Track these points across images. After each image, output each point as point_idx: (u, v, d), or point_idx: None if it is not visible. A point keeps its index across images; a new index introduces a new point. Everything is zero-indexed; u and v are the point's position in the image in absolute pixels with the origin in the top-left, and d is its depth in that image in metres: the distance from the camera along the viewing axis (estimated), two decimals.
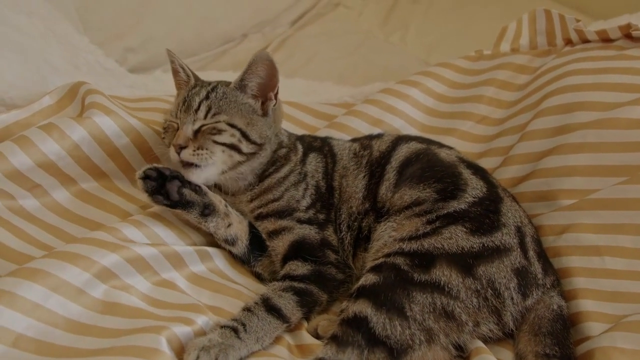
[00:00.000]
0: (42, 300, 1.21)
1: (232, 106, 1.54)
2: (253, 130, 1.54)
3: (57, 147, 1.53)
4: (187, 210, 1.48)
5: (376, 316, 1.27)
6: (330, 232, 1.56)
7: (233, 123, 1.51)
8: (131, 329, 1.23)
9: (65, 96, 1.70)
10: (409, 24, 3.27)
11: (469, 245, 1.36)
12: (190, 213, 1.48)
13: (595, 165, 1.61)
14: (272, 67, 1.54)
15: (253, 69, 1.54)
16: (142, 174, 1.45)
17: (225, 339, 1.25)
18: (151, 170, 1.46)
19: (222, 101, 1.53)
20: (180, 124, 1.51)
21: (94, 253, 1.30)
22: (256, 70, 1.54)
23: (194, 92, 1.55)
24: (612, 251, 1.45)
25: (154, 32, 2.74)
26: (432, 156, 1.56)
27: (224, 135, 1.50)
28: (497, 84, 2.02)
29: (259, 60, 1.52)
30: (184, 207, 1.47)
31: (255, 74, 1.54)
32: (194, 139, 1.49)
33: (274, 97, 1.58)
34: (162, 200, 1.46)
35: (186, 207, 1.47)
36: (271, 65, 1.53)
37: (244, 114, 1.55)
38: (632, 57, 1.78)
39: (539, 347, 1.31)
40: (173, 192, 1.46)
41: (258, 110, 1.57)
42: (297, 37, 3.14)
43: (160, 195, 1.46)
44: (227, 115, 1.52)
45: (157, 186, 1.46)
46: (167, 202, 1.46)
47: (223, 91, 1.56)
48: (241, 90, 1.56)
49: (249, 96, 1.57)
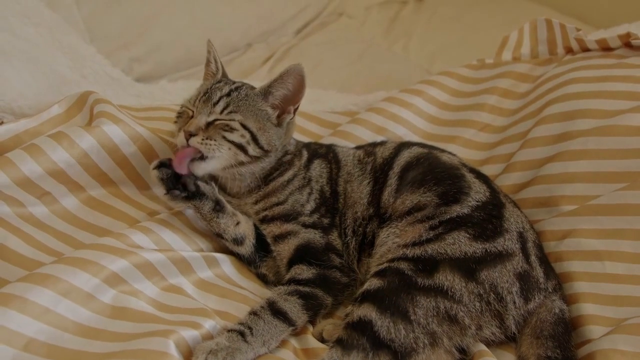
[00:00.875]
0: (53, 305, 1.22)
1: (250, 109, 1.56)
2: (263, 136, 1.56)
3: (66, 156, 1.55)
4: (202, 202, 1.50)
5: (380, 320, 1.29)
6: (334, 236, 1.58)
7: (246, 124, 1.54)
8: (140, 333, 1.25)
9: (74, 105, 1.72)
10: (412, 33, 3.29)
11: (471, 251, 1.38)
12: (204, 206, 1.51)
13: (596, 172, 1.63)
14: (302, 83, 1.56)
15: (284, 79, 1.56)
16: (157, 163, 1.49)
17: (232, 343, 1.27)
18: (165, 159, 1.50)
19: (242, 102, 1.56)
20: (196, 112, 1.54)
21: (103, 259, 1.32)
22: (286, 81, 1.56)
23: (217, 86, 1.59)
24: (612, 256, 1.47)
25: (160, 42, 2.76)
26: (434, 160, 1.58)
27: (234, 133, 1.52)
28: (499, 92, 2.04)
29: (292, 73, 1.55)
30: (200, 199, 1.50)
31: (284, 84, 1.57)
32: (205, 129, 1.51)
33: (293, 111, 1.61)
34: (179, 194, 1.49)
35: (201, 199, 1.50)
36: (302, 80, 1.56)
37: (259, 118, 1.57)
38: (631, 66, 1.80)
39: (541, 349, 1.33)
40: (190, 184, 1.50)
41: (273, 119, 1.60)
42: (301, 46, 3.16)
43: (176, 189, 1.49)
44: (242, 115, 1.54)
45: (172, 178, 1.49)
46: (184, 195, 1.49)
47: (246, 93, 1.58)
48: (264, 96, 1.59)
49: (269, 104, 1.59)
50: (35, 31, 2.19)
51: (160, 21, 2.78)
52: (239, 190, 1.62)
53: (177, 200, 1.51)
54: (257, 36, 3.13)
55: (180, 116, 1.60)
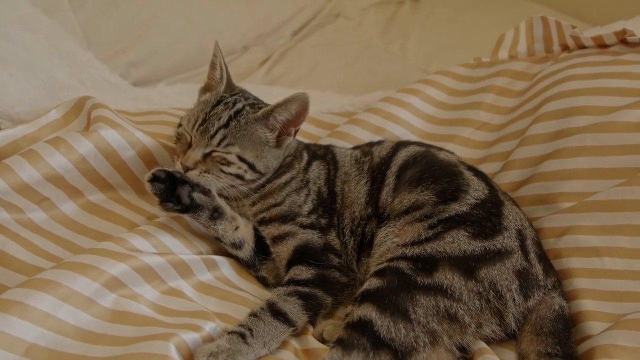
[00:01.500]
0: (53, 310, 1.23)
1: (247, 138, 1.55)
2: (261, 162, 1.57)
3: (64, 161, 1.55)
4: (197, 214, 1.50)
5: (381, 319, 1.29)
6: (332, 236, 1.58)
7: (243, 157, 1.54)
8: (140, 337, 1.25)
9: (71, 110, 1.72)
10: (409, 33, 3.29)
11: (471, 249, 1.38)
12: (200, 217, 1.50)
13: (594, 169, 1.63)
14: (305, 109, 1.57)
15: (288, 106, 1.55)
16: (151, 176, 1.47)
17: (232, 345, 1.27)
18: (160, 171, 1.48)
19: (240, 132, 1.54)
20: (194, 143, 1.53)
21: (103, 263, 1.32)
22: (290, 107, 1.55)
23: (215, 113, 1.55)
24: (611, 252, 1.48)
25: (157, 46, 2.76)
26: (431, 157, 1.58)
27: (232, 167, 1.53)
28: (496, 91, 2.04)
29: (297, 100, 1.54)
30: (194, 211, 1.49)
31: (288, 110, 1.56)
32: (202, 161, 1.52)
33: (294, 133, 1.62)
34: (172, 207, 1.48)
35: (196, 211, 1.49)
36: (305, 107, 1.56)
37: (257, 146, 1.56)
38: (627, 62, 1.81)
39: (541, 346, 1.33)
40: (184, 196, 1.48)
41: (272, 142, 1.59)
42: (299, 48, 3.16)
43: (170, 202, 1.48)
44: (239, 147, 1.54)
45: (166, 190, 1.48)
46: (177, 208, 1.48)
47: (245, 120, 1.56)
48: (265, 119, 1.57)
49: (269, 128, 1.58)
50: (33, 38, 2.20)
51: (158, 25, 2.78)
52: (236, 196, 1.61)
53: (171, 212, 1.50)
54: (254, 39, 3.13)
55: (178, 139, 1.59)
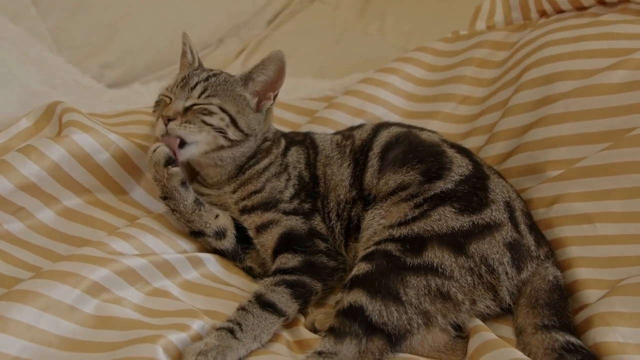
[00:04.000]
0: (34, 321, 1.20)
1: (228, 94, 1.57)
2: (243, 119, 1.56)
3: (37, 169, 1.51)
4: (183, 197, 1.49)
5: (372, 304, 1.26)
6: (317, 221, 1.56)
7: (225, 108, 1.54)
8: (127, 341, 1.22)
9: (42, 117, 1.68)
10: (386, 13, 3.26)
11: (458, 225, 1.36)
12: (186, 200, 1.50)
13: (580, 134, 1.60)
14: (282, 70, 1.58)
15: (265, 65, 1.57)
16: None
17: (221, 341, 1.24)
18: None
19: (220, 87, 1.57)
20: (174, 98, 1.54)
21: (83, 269, 1.29)
22: (268, 67, 1.57)
23: (194, 73, 1.60)
24: (602, 217, 1.45)
25: (130, 45, 2.72)
26: (414, 138, 1.56)
27: (214, 117, 1.52)
28: (476, 63, 2.01)
29: (274, 59, 1.56)
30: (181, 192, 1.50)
31: (265, 70, 1.58)
32: (183, 114, 1.51)
33: (273, 97, 1.62)
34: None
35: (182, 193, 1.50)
36: (282, 67, 1.57)
37: (237, 103, 1.57)
38: (607, 23, 1.78)
39: (537, 319, 1.31)
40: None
41: (252, 105, 1.60)
42: (274, 37, 3.12)
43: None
44: (220, 99, 1.55)
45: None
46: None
47: (224, 78, 1.60)
48: (244, 82, 1.59)
49: (248, 91, 1.60)
50: (1, 47, 2.15)
51: (128, 25, 2.74)
52: (219, 178, 1.61)
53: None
54: (229, 30, 3.10)
55: (158, 105, 1.60)
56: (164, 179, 1.48)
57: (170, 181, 1.48)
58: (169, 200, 1.51)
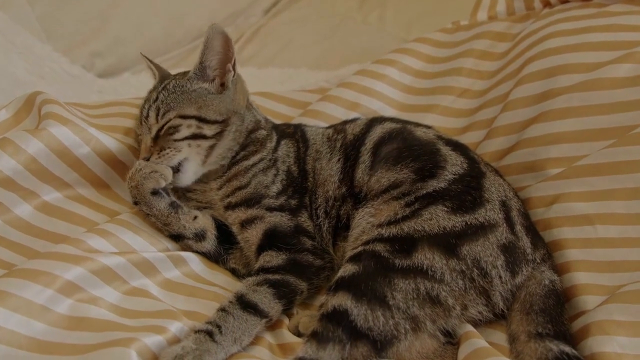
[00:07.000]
0: (4, 322, 1.15)
1: (182, 98, 1.53)
2: (209, 110, 1.52)
3: (13, 162, 1.46)
4: (157, 201, 1.46)
5: (357, 308, 1.21)
6: (304, 218, 1.51)
7: (184, 114, 1.51)
8: (100, 344, 1.17)
9: (22, 108, 1.63)
10: (386, 2, 3.19)
11: (450, 225, 1.30)
12: (160, 203, 1.46)
13: (582, 130, 1.55)
14: (227, 39, 1.53)
15: (210, 46, 1.53)
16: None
17: (199, 345, 1.19)
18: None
19: (170, 97, 1.53)
20: (142, 136, 1.53)
21: (56, 268, 1.24)
22: (213, 45, 1.53)
23: (146, 99, 1.58)
24: (604, 219, 1.39)
25: (121, 34, 2.68)
26: (408, 134, 1.51)
27: (181, 129, 1.50)
28: (477, 55, 1.96)
29: (215, 35, 1.52)
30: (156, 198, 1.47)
31: (213, 50, 1.53)
32: (155, 145, 1.49)
33: (232, 68, 1.57)
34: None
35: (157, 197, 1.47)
36: (226, 37, 1.53)
37: (196, 99, 1.53)
38: (613, 14, 1.72)
39: (531, 326, 1.25)
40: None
41: (213, 89, 1.56)
42: (271, 26, 3.07)
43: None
44: (176, 109, 1.51)
45: None
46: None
47: (173, 85, 1.55)
48: (201, 73, 1.55)
49: (207, 78, 1.55)
50: None
51: (119, 13, 2.71)
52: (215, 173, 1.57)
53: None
54: (224, 19, 3.04)
55: (139, 145, 1.57)
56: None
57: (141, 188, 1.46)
58: (141, 205, 1.47)
